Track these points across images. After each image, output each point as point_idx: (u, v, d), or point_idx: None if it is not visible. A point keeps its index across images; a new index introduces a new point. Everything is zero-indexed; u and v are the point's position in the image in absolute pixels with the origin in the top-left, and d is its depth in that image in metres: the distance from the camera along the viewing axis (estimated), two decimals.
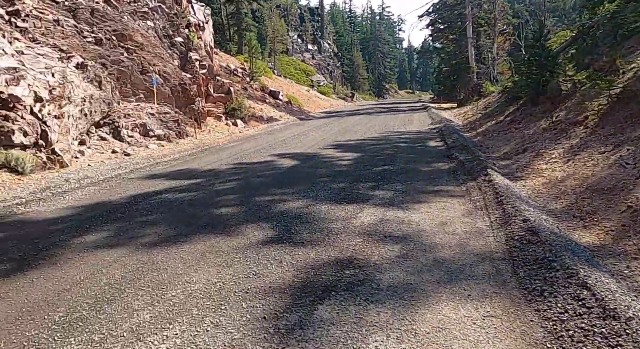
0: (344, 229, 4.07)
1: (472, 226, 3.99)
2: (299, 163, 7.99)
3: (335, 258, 3.37)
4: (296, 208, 4.87)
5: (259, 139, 13.10)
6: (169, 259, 3.46)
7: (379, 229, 4.01)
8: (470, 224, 4.06)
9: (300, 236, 3.90)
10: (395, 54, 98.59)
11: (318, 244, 3.68)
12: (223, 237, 3.95)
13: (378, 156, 8.43)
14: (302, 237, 3.87)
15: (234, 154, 9.66)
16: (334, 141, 11.42)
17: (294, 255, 3.46)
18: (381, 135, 12.39)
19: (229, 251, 3.62)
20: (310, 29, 57.75)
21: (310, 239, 3.83)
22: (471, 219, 4.21)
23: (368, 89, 74.99)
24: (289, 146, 10.74)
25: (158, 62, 12.18)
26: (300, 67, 46.91)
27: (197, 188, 6.14)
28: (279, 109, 25.72)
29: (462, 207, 4.66)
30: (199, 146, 11.10)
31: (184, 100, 13.29)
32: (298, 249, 3.60)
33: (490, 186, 5.06)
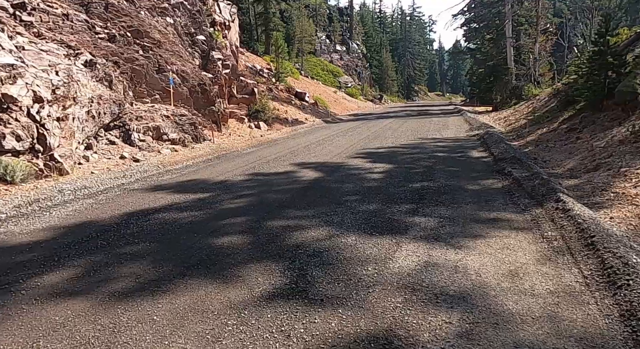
0: (378, 278, 3.04)
1: (557, 282, 2.87)
2: (323, 175, 7.00)
3: (366, 333, 2.35)
4: (316, 240, 3.88)
5: (281, 144, 12.20)
6: (136, 324, 2.52)
7: (426, 281, 2.96)
8: (553, 278, 2.94)
9: (318, 289, 2.90)
10: (425, 56, 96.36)
11: (342, 305, 2.67)
12: (216, 286, 2.99)
13: (414, 168, 7.33)
14: (320, 291, 2.86)
15: (252, 161, 8.77)
16: (363, 148, 10.37)
17: (308, 324, 2.46)
18: (415, 142, 11.25)
19: (220, 310, 2.65)
20: (338, 29, 56.73)
21: (332, 294, 2.82)
22: (552, 269, 3.09)
23: (397, 91, 73.34)
24: (313, 153, 9.78)
25: (176, 61, 11.47)
26: (327, 68, 46.00)
27: (202, 206, 5.24)
28: (304, 111, 24.85)
29: (533, 247, 3.54)
30: (215, 151, 10.29)
31: (204, 101, 12.55)
32: (314, 312, 2.59)
33: (567, 218, 3.90)
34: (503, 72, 26.17)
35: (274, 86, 25.72)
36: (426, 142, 11.14)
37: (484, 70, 31.93)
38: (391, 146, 10.57)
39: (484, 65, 32.19)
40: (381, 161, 8.26)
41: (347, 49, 55.99)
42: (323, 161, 8.52)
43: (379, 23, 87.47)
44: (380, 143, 11.17)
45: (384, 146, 10.61)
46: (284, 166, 8.00)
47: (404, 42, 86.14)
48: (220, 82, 15.30)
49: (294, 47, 41.44)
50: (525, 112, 14.77)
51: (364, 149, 10.04)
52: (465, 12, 32.88)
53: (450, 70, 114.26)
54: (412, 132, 14.05)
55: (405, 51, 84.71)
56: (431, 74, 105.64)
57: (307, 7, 50.67)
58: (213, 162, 8.97)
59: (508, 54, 25.26)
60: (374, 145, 10.81)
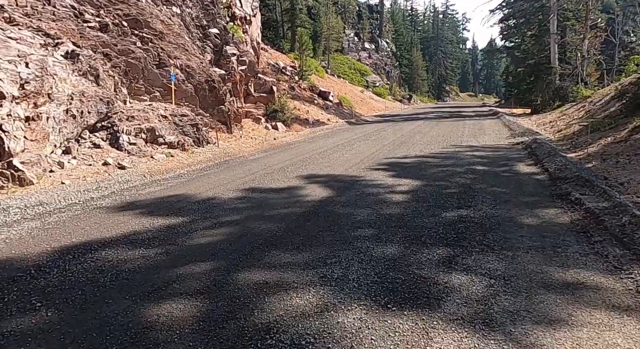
0: None
1: None
2: (332, 195, 5.63)
3: None
4: (300, 317, 2.53)
5: (295, 148, 10.89)
6: None
7: None
8: None
9: None
10: (457, 55, 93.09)
11: None
12: None
13: (447, 187, 5.86)
14: None
15: (253, 172, 7.50)
16: (385, 156, 8.92)
17: None
18: (448, 150, 9.70)
19: None
20: (368, 26, 55.00)
21: None
22: None
23: (427, 91, 70.89)
24: (327, 162, 8.42)
25: (180, 55, 10.35)
26: (355, 67, 44.45)
27: (165, 239, 3.98)
28: (327, 111, 23.50)
29: None
30: (218, 156, 9.09)
31: (211, 100, 11.40)
32: None
33: None
34: (545, 71, 23.98)
35: (296, 84, 24.49)
36: (461, 150, 9.57)
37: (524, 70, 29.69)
38: (419, 155, 9.08)
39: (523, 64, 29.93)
40: (406, 175, 6.81)
41: (376, 47, 54.24)
42: (337, 173, 7.14)
43: (410, 21, 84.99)
44: (407, 151, 9.69)
45: (411, 154, 9.12)
46: (288, 179, 6.68)
47: (435, 40, 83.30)
48: (234, 79, 14.16)
49: (320, 45, 40.12)
50: (577, 116, 12.89)
51: (387, 158, 8.60)
52: (504, 7, 30.67)
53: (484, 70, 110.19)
54: (443, 137, 12.46)
55: (436, 50, 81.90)
56: (463, 74, 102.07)
57: (335, 4, 49.23)
58: (210, 171, 7.76)
59: (552, 52, 23.07)
60: (399, 153, 9.34)
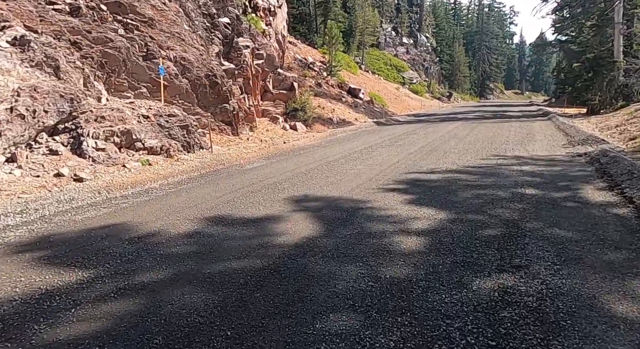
0: None
1: None
2: (317, 234, 4.01)
3: None
4: None
5: (304, 155, 9.32)
6: None
7: None
8: None
9: None
10: (503, 50, 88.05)
11: None
12: None
13: (484, 226, 4.09)
14: None
15: (236, 189, 5.99)
16: (408, 169, 7.18)
17: None
18: (487, 162, 7.81)
19: None
20: (406, 20, 52.42)
21: None
22: None
23: (468, 89, 67.27)
24: (334, 175, 6.80)
25: (175, 45, 9.03)
26: (391, 62, 42.26)
27: (9, 330, 2.53)
28: (356, 109, 21.77)
29: None
30: (207, 165, 7.68)
31: (213, 97, 10.03)
32: None
33: None
34: (607, 66, 21.04)
35: (323, 81, 22.91)
36: (505, 164, 7.65)
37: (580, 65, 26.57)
38: (451, 168, 7.25)
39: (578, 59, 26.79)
40: (429, 201, 5.07)
41: (414, 42, 51.62)
42: (338, 194, 5.51)
43: (453, 14, 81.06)
44: (436, 162, 7.88)
45: (440, 167, 7.32)
46: (272, 204, 5.12)
47: (480, 35, 79.01)
48: (247, 74, 12.77)
49: (354, 40, 38.27)
50: None
51: (409, 173, 6.85)
52: None
53: (532, 67, 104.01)
54: (484, 144, 10.48)
55: (480, 45, 77.66)
56: (509, 71, 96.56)
57: None
58: (186, 185, 6.33)
59: (615, 44, 20.15)
60: (426, 165, 7.55)
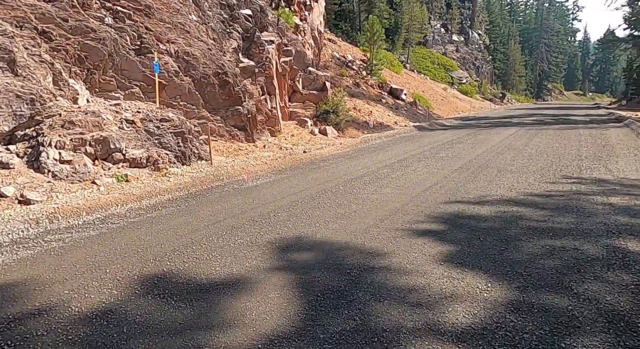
0: None
1: None
2: (294, 325, 2.47)
3: None
4: None
5: (322, 169, 7.78)
6: None
7: None
8: None
9: None
10: (564, 48, 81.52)
11: None
12: None
13: (573, 323, 2.36)
14: None
15: (211, 223, 4.57)
16: (449, 196, 5.44)
17: None
18: (557, 189, 5.88)
19: None
20: (457, 17, 49.33)
21: None
22: None
23: (524, 89, 62.68)
24: (348, 203, 5.21)
25: (177, 38, 7.82)
26: (439, 61, 39.67)
27: None
28: (397, 112, 19.91)
29: None
30: (200, 182, 6.35)
31: (223, 98, 8.74)
32: None
33: None
34: None
35: (362, 81, 21.21)
36: (583, 191, 5.70)
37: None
38: (507, 197, 5.43)
39: None
40: (476, 258, 3.37)
41: (465, 40, 48.47)
42: (345, 239, 3.93)
43: (509, 10, 76.08)
44: (487, 185, 6.06)
45: (493, 195, 5.51)
46: (248, 251, 3.64)
47: (538, 32, 73.65)
48: (269, 72, 11.42)
49: (400, 37, 36.14)
50: None
51: (450, 203, 5.13)
52: None
53: (596, 66, 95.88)
54: (548, 158, 8.44)
55: (539, 43, 72.36)
56: (570, 70, 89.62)
57: None
58: (157, 213, 5.00)
59: None
60: (473, 190, 5.77)
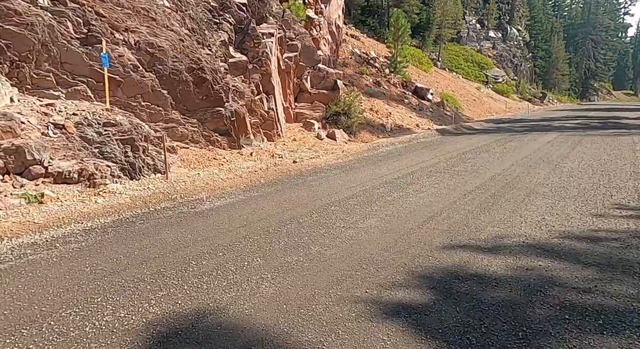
0: None
1: None
2: None
3: None
4: None
5: (306, 186, 6.37)
6: None
7: None
8: None
9: None
10: (614, 45, 75.86)
11: None
12: None
13: None
14: None
15: (108, 273, 3.28)
16: (452, 235, 3.91)
17: None
18: (609, 228, 4.21)
19: None
20: (495, 12, 46.41)
21: None
22: None
23: (567, 89, 58.58)
24: (312, 241, 3.80)
25: (139, 26, 6.64)
26: (473, 59, 37.21)
27: None
28: (420, 113, 18.18)
29: None
30: (141, 203, 5.10)
31: (200, 98, 7.51)
32: None
33: None
34: None
35: (384, 79, 19.59)
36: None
37: None
38: (534, 239, 3.84)
39: None
40: None
41: (503, 36, 45.54)
42: (268, 321, 2.54)
43: (553, 5, 71.58)
44: (508, 218, 4.47)
45: (514, 235, 3.93)
46: None
47: (585, 27, 68.84)
48: (267, 68, 10.12)
49: (430, 33, 34.06)
50: None
51: (450, 248, 3.62)
52: None
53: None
54: (594, 176, 6.66)
55: (585, 39, 67.62)
56: (619, 68, 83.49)
57: None
58: (42, 254, 3.77)
59: None
60: (488, 225, 4.20)
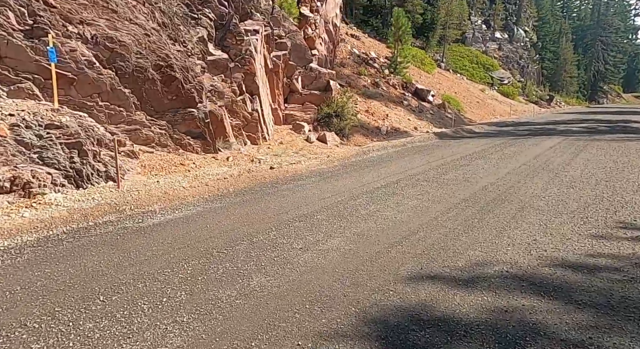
0: None
1: None
2: None
3: None
4: None
5: (277, 196, 5.76)
6: None
7: None
8: None
9: None
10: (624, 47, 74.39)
11: None
12: None
13: None
14: None
15: None
16: (419, 264, 3.29)
17: None
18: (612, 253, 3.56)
19: None
20: (501, 12, 45.55)
21: None
22: None
23: (575, 91, 57.42)
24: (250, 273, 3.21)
25: (97, 18, 6.09)
26: (478, 60, 36.41)
27: None
28: (420, 115, 17.50)
29: None
30: (80, 217, 4.52)
31: (170, 99, 6.95)
32: None
33: None
34: None
35: (383, 80, 18.94)
36: None
37: None
38: (519, 270, 3.20)
39: None
40: None
41: (509, 37, 44.66)
42: None
43: (561, 6, 70.43)
44: (492, 242, 3.83)
45: (496, 262, 3.29)
46: None
47: (594, 29, 67.57)
48: (250, 67, 9.54)
49: (435, 34, 33.35)
50: None
51: (417, 278, 2.99)
52: None
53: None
54: (597, 187, 5.98)
55: (594, 41, 66.35)
56: (630, 71, 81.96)
57: None
58: None
59: None
60: (465, 252, 3.57)
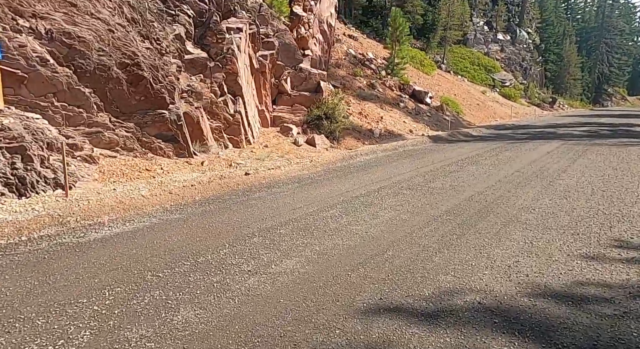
0: None
1: None
2: None
3: None
4: None
5: (245, 206, 5.30)
6: None
7: None
8: None
9: None
10: (629, 49, 73.60)
11: None
12: None
13: None
14: None
15: None
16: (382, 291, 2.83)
17: None
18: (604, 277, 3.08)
19: None
20: (504, 14, 45.01)
21: None
22: None
23: (579, 94, 56.70)
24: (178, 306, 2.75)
25: (53, 12, 5.67)
26: (480, 62, 35.88)
27: None
28: (416, 118, 17.02)
29: None
30: (14, 231, 4.10)
31: (138, 99, 6.52)
32: None
33: None
34: None
35: (379, 81, 18.48)
36: None
37: None
38: (494, 301, 2.73)
39: None
40: None
41: (512, 39, 44.08)
42: None
43: (566, 7, 69.71)
44: (469, 263, 3.36)
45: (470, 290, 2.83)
46: None
47: (599, 31, 66.85)
48: (232, 67, 9.11)
49: (435, 35, 32.89)
50: None
51: (374, 311, 2.53)
52: None
53: None
54: (594, 199, 5.50)
55: (599, 43, 65.62)
56: (635, 73, 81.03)
57: None
58: None
59: None
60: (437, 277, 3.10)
